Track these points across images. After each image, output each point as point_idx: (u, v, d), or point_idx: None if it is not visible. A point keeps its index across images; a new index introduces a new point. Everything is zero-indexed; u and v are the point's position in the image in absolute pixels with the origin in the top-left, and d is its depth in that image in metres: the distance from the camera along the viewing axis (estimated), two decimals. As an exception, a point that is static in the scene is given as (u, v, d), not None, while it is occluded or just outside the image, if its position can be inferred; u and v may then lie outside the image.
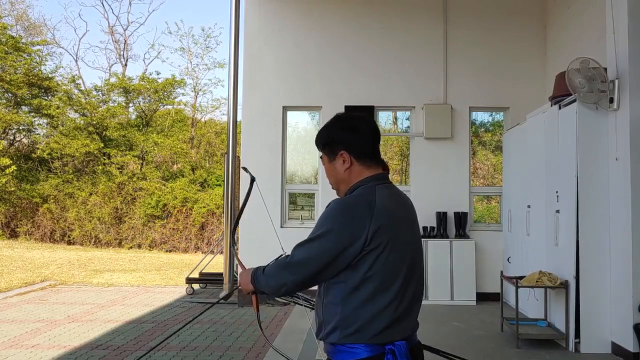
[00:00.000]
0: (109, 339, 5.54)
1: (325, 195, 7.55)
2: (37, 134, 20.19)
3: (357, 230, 1.63)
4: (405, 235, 1.73)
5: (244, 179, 7.68)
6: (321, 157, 1.91)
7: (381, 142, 1.93)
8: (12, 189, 16.98)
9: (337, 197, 1.87)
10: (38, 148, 18.89)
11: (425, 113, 7.58)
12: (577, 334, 4.86)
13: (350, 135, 1.80)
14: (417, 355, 1.79)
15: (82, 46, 59.81)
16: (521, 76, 7.69)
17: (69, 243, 16.68)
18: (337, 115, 1.90)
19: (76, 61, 36.24)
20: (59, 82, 19.72)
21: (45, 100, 18.92)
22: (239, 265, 2.10)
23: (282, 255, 1.82)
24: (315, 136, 1.92)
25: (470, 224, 7.60)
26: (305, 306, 1.97)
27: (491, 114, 8.50)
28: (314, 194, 7.93)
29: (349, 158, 1.79)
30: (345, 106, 7.60)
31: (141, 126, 19.75)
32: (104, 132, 18.65)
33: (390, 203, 1.73)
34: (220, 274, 8.00)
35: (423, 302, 1.94)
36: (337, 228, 1.65)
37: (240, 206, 2.46)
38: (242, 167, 2.75)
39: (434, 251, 7.16)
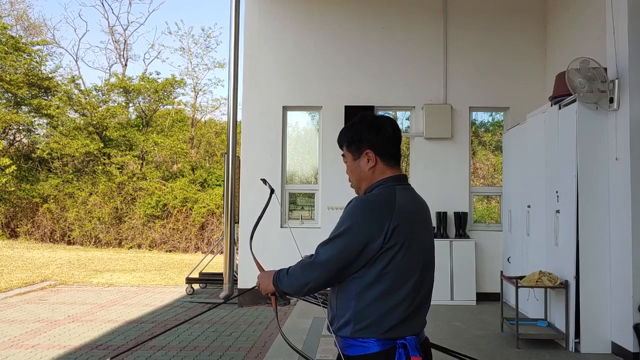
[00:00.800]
0: (109, 339, 5.54)
1: (325, 195, 7.56)
2: (37, 134, 20.20)
3: (378, 227, 1.68)
4: (421, 236, 1.80)
5: (244, 179, 7.68)
6: (343, 155, 1.95)
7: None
8: (12, 189, 16.98)
9: (356, 195, 1.92)
10: (38, 148, 18.90)
11: (425, 113, 7.58)
12: (577, 334, 4.86)
13: (376, 135, 1.85)
14: (426, 351, 1.84)
15: (82, 46, 59.79)
16: (521, 76, 7.69)
17: (69, 243, 16.68)
18: (363, 115, 1.94)
19: (76, 61, 36.29)
20: (59, 82, 19.74)
21: (45, 100, 18.92)
22: (257, 267, 2.14)
23: (305, 257, 1.85)
24: (338, 134, 1.96)
25: (470, 224, 7.60)
26: (319, 304, 2.01)
27: (491, 114, 8.49)
28: (314, 194, 7.92)
29: (374, 157, 1.85)
30: (345, 106, 7.60)
31: (141, 126, 19.76)
32: (104, 132, 18.66)
33: (409, 204, 1.79)
34: (220, 274, 8.00)
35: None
36: (358, 225, 1.70)
37: (258, 217, 2.48)
38: (262, 179, 2.80)
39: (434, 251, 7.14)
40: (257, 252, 2.83)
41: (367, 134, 1.85)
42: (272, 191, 2.48)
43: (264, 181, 2.65)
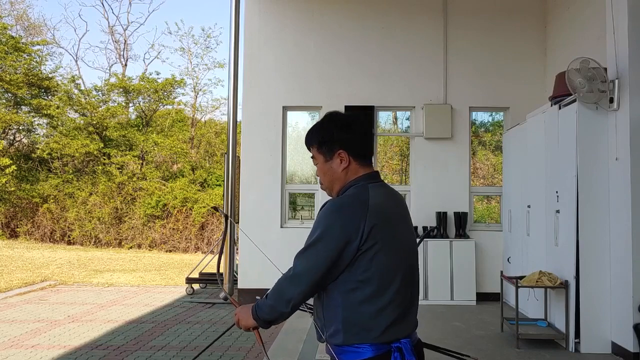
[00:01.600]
0: (109, 339, 5.54)
1: (325, 195, 7.52)
2: (37, 134, 20.20)
3: (353, 229, 1.63)
4: (400, 234, 1.74)
5: (244, 179, 7.68)
6: (312, 157, 1.88)
7: (381, 142, 1.94)
8: (12, 189, 16.97)
9: (329, 197, 1.87)
10: (38, 148, 18.89)
11: (425, 113, 7.58)
12: (577, 334, 4.86)
13: (347, 134, 1.79)
14: (419, 352, 1.79)
15: (82, 46, 59.75)
16: (521, 76, 7.69)
17: (69, 243, 16.68)
18: (331, 114, 1.87)
19: (76, 61, 36.27)
20: (59, 82, 19.72)
21: (45, 100, 18.91)
22: (233, 303, 2.02)
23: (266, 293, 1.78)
24: (306, 135, 1.89)
25: (470, 224, 7.60)
26: (306, 310, 1.95)
27: (491, 114, 8.49)
28: (314, 194, 7.92)
29: (347, 157, 1.79)
30: (345, 106, 7.60)
31: (141, 126, 19.76)
32: (104, 132, 18.65)
33: (385, 202, 1.73)
34: (221, 274, 7.99)
35: (423, 302, 1.96)
36: (333, 230, 1.64)
37: (220, 247, 2.39)
38: (212, 207, 2.76)
39: (434, 251, 7.16)
40: (257, 252, 2.83)
41: (339, 133, 1.79)
42: (226, 217, 2.41)
43: (215, 209, 2.61)
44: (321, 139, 1.83)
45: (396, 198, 1.82)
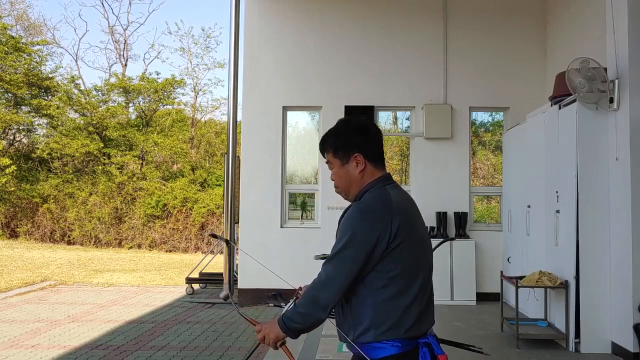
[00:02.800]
0: (109, 339, 5.54)
1: (325, 196, 7.55)
2: (37, 134, 20.20)
3: (382, 228, 1.68)
4: (419, 234, 1.81)
5: (244, 179, 7.67)
6: (327, 162, 1.93)
7: (381, 142, 1.95)
8: (12, 189, 16.97)
9: (345, 200, 1.92)
10: (38, 148, 18.89)
11: (425, 113, 7.58)
12: (577, 334, 4.86)
13: (362, 138, 1.86)
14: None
15: (82, 46, 59.82)
16: (521, 76, 7.68)
17: (69, 243, 16.67)
18: (345, 120, 1.94)
19: (76, 61, 36.25)
20: (59, 82, 19.72)
21: (45, 100, 18.91)
22: (251, 323, 1.99)
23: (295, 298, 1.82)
24: (319, 140, 1.94)
25: (470, 224, 7.60)
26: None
27: (491, 114, 8.50)
28: (314, 194, 7.92)
29: (363, 160, 1.85)
30: (346, 106, 7.60)
31: (141, 126, 19.76)
32: (104, 132, 18.65)
33: (403, 202, 1.80)
34: (220, 274, 8.00)
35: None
36: (362, 232, 1.69)
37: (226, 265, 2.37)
38: (210, 235, 2.75)
39: (434, 251, 7.14)
40: (257, 252, 2.83)
41: (355, 138, 1.85)
42: (226, 242, 2.42)
43: (214, 236, 2.62)
44: (337, 143, 1.88)
45: (410, 199, 1.90)
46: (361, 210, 1.75)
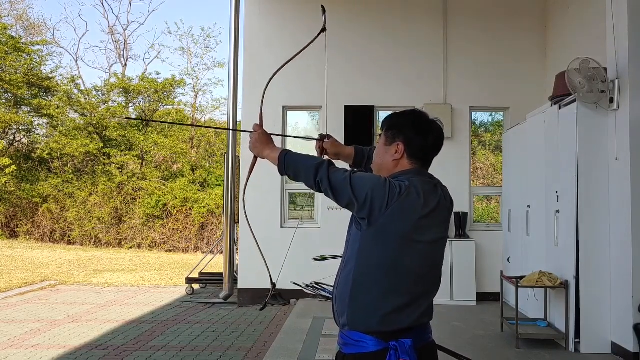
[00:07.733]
0: (109, 339, 5.54)
1: (326, 198, 7.53)
2: (37, 134, 20.19)
3: (388, 193, 1.71)
4: (432, 234, 1.81)
5: (244, 180, 7.67)
6: (379, 135, 1.96)
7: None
8: (12, 189, 16.97)
9: None
10: (38, 148, 18.89)
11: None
12: (577, 334, 4.86)
13: (415, 133, 1.85)
14: (431, 356, 1.84)
15: (82, 46, 59.74)
16: (521, 76, 7.68)
17: (69, 243, 16.67)
18: (419, 113, 1.94)
19: (76, 61, 36.16)
20: (59, 82, 19.71)
21: (45, 100, 18.91)
22: (254, 128, 2.19)
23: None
24: (387, 115, 1.96)
25: (470, 224, 7.60)
26: (326, 297, 2.00)
27: (491, 114, 8.50)
28: (314, 194, 7.92)
29: (403, 152, 1.85)
30: (345, 106, 7.60)
31: (141, 126, 19.75)
32: (104, 132, 18.65)
33: (426, 197, 1.80)
34: (220, 274, 8.00)
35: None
36: (379, 185, 1.72)
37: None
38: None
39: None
40: (256, 252, 2.83)
41: (410, 130, 1.85)
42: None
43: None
44: (392, 123, 1.90)
45: (443, 194, 1.93)
46: (386, 178, 1.76)
